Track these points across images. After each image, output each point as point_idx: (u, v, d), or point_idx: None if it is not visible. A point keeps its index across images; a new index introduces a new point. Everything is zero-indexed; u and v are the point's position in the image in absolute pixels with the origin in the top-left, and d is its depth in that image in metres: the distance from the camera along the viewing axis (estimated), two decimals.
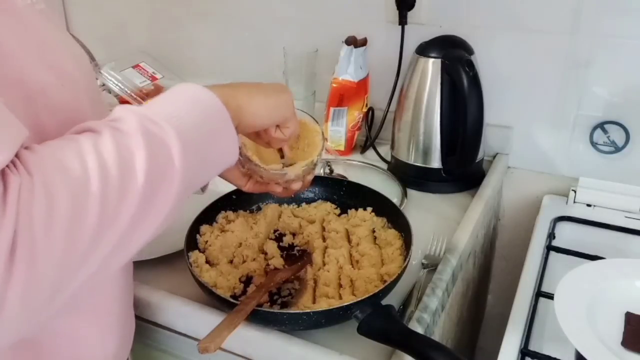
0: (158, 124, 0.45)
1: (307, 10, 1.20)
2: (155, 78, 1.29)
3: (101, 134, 0.42)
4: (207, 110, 0.50)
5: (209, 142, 0.50)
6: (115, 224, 0.41)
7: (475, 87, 0.94)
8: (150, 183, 0.42)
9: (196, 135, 0.48)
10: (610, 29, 0.95)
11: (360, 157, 1.16)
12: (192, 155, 0.47)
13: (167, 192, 0.44)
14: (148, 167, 0.42)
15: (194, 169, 0.48)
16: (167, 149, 0.44)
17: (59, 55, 0.52)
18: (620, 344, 0.66)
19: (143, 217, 0.43)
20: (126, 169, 0.41)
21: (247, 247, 0.78)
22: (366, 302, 0.63)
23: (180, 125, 0.46)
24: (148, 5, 1.40)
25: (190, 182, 0.48)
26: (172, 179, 0.44)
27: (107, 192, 0.40)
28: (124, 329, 0.64)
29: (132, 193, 0.41)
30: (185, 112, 0.48)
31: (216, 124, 0.51)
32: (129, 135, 0.43)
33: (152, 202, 0.43)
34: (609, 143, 1.01)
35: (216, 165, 0.53)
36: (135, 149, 0.42)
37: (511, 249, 1.18)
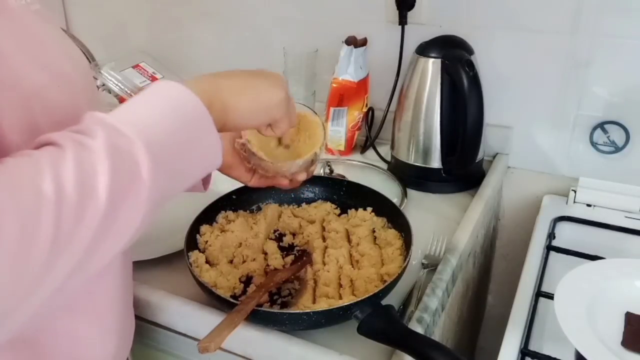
0: (127, 137, 0.43)
1: (307, 10, 1.20)
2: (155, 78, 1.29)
3: (63, 150, 0.40)
4: (188, 115, 0.48)
5: (188, 149, 0.48)
6: (72, 245, 0.39)
7: (475, 87, 0.94)
8: (113, 202, 0.41)
9: (172, 144, 0.46)
10: (610, 29, 0.95)
11: (360, 157, 1.16)
12: (166, 167, 0.45)
13: (134, 209, 0.42)
14: (111, 186, 0.40)
15: (168, 180, 0.46)
16: (134, 165, 0.42)
17: (54, 55, 0.52)
18: (620, 344, 0.66)
19: (106, 235, 0.41)
20: (86, 189, 0.39)
21: (247, 247, 0.78)
22: (366, 302, 0.63)
23: (154, 135, 0.44)
24: (148, 5, 1.40)
25: (164, 192, 0.46)
26: (139, 195, 0.42)
27: (62, 214, 0.38)
28: (123, 329, 0.64)
29: (91, 215, 0.40)
30: (162, 118, 0.46)
31: (197, 129, 0.48)
32: (93, 153, 0.41)
33: (116, 220, 0.41)
34: (609, 143, 1.01)
35: (196, 171, 0.51)
36: (98, 168, 0.40)
37: (511, 249, 1.18)
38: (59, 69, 0.51)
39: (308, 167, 0.71)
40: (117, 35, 1.49)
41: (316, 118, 0.73)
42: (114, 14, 1.47)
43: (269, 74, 0.59)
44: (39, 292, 0.38)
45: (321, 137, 0.71)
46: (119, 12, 1.46)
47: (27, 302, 0.38)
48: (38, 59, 0.49)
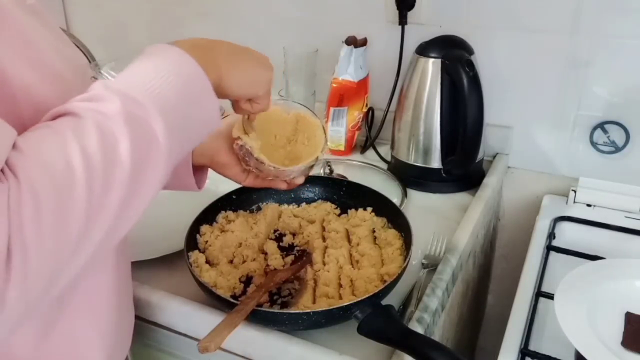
0: (141, 104, 0.45)
1: (307, 10, 1.20)
2: None
3: (83, 120, 0.42)
4: (189, 78, 0.49)
5: (192, 112, 0.50)
6: (104, 211, 0.42)
7: (475, 87, 0.94)
8: (137, 167, 0.43)
9: (179, 107, 0.48)
10: (610, 29, 0.95)
11: (360, 157, 1.16)
12: (176, 130, 0.47)
13: (154, 171, 0.45)
14: (133, 152, 0.43)
15: (179, 142, 0.48)
16: (151, 130, 0.45)
17: (45, 53, 0.51)
18: (620, 344, 0.66)
19: (132, 199, 0.44)
20: (111, 157, 0.42)
21: (247, 247, 0.78)
22: (366, 302, 0.63)
23: (163, 100, 0.46)
24: (148, 5, 1.40)
25: (176, 154, 0.48)
26: (158, 158, 0.45)
27: (93, 183, 0.40)
28: (121, 328, 0.64)
29: (119, 180, 0.42)
30: (167, 82, 0.47)
31: (197, 92, 0.50)
32: (112, 120, 0.43)
33: (140, 183, 0.44)
34: (609, 143, 1.01)
35: (200, 133, 0.53)
36: (119, 135, 0.42)
37: (511, 249, 1.18)
38: (50, 67, 0.51)
39: (308, 172, 0.71)
40: (117, 35, 1.49)
41: (316, 120, 0.73)
42: (114, 14, 1.47)
43: (257, 53, 0.61)
44: (80, 255, 0.41)
45: (322, 140, 0.71)
46: (119, 12, 1.46)
47: (72, 264, 0.41)
48: (28, 57, 0.48)
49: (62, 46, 0.56)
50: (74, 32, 1.49)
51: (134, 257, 0.76)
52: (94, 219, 0.41)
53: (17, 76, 0.46)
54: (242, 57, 0.58)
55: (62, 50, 0.55)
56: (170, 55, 0.50)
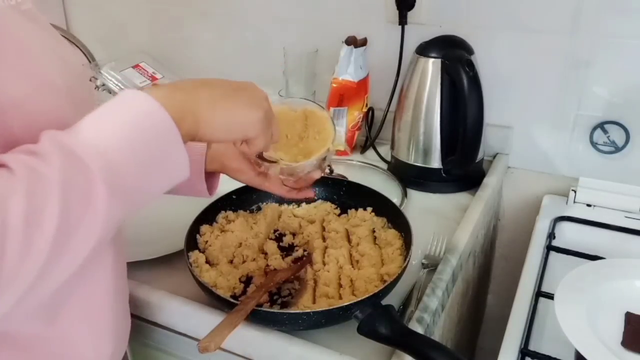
0: (84, 163, 0.42)
1: (307, 10, 1.20)
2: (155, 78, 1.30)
3: (15, 179, 0.39)
4: (153, 129, 0.46)
5: (152, 165, 0.47)
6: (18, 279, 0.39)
7: (475, 87, 0.94)
8: (63, 234, 0.40)
9: (134, 165, 0.45)
10: (610, 29, 0.95)
11: (360, 157, 1.16)
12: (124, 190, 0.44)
13: (85, 238, 0.42)
14: (61, 219, 0.40)
15: (130, 200, 0.45)
16: (90, 194, 0.42)
17: (39, 62, 0.50)
18: (620, 344, 0.66)
19: (55, 266, 0.41)
20: (33, 223, 0.39)
21: (247, 247, 0.78)
22: (366, 302, 0.63)
23: (115, 157, 0.43)
24: (148, 5, 1.40)
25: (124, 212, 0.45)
26: (94, 223, 0.42)
27: (6, 248, 0.37)
28: (117, 329, 0.63)
29: (39, 248, 0.39)
30: (126, 135, 0.44)
31: (162, 146, 0.47)
32: (46, 182, 0.40)
33: (67, 250, 0.41)
34: (609, 143, 1.01)
35: (160, 186, 0.50)
36: (49, 199, 0.40)
37: (511, 249, 1.18)
38: (43, 76, 0.49)
39: (323, 164, 0.70)
40: (117, 35, 1.49)
41: (324, 113, 0.71)
42: (114, 14, 1.47)
43: (252, 92, 0.57)
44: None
45: (331, 131, 0.70)
46: (119, 12, 1.46)
47: None
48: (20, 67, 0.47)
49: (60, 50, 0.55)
50: (74, 32, 1.49)
51: (134, 257, 0.76)
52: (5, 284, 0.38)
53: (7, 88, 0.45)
54: (229, 99, 0.54)
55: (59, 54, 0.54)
56: (138, 104, 0.47)
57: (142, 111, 0.46)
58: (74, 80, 0.55)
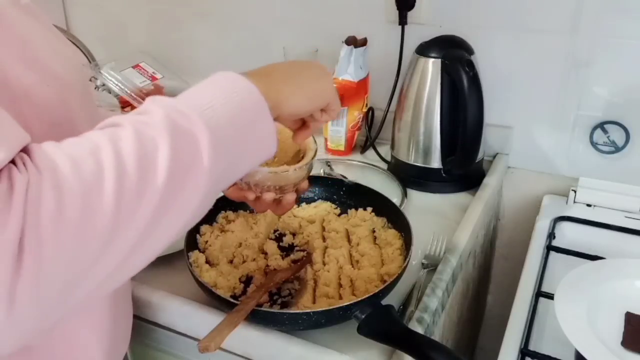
0: (188, 116, 0.43)
1: (307, 10, 1.20)
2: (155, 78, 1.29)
3: (123, 127, 0.40)
4: (245, 102, 0.48)
5: (245, 136, 0.47)
6: (132, 223, 0.39)
7: (475, 87, 0.94)
8: (174, 180, 0.40)
9: (230, 129, 0.46)
10: (610, 29, 0.95)
11: (360, 157, 1.16)
12: (224, 150, 0.45)
13: (193, 189, 0.42)
14: (171, 164, 0.40)
15: (226, 165, 0.46)
16: (195, 143, 0.42)
17: (42, 54, 0.51)
18: (620, 344, 0.66)
19: (164, 216, 0.41)
20: (146, 165, 0.39)
21: (247, 247, 0.78)
22: (366, 302, 0.63)
23: (213, 118, 0.44)
24: (148, 5, 1.40)
25: (221, 178, 0.46)
26: (199, 176, 0.42)
27: (123, 190, 0.38)
28: (120, 329, 0.64)
29: (152, 191, 0.39)
30: (221, 103, 0.46)
31: (253, 117, 0.48)
32: (153, 128, 0.41)
33: (175, 200, 0.41)
34: (609, 143, 1.01)
35: (251, 159, 0.50)
36: (159, 143, 0.40)
37: (511, 249, 1.18)
38: (47, 67, 0.50)
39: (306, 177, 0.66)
40: (117, 35, 1.49)
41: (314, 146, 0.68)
42: (114, 14, 1.47)
43: (314, 65, 0.60)
44: (102, 264, 0.38)
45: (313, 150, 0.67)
46: (119, 12, 1.46)
47: (92, 273, 0.38)
48: (25, 58, 0.47)
49: (60, 46, 0.56)
50: (74, 32, 1.49)
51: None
52: (120, 227, 0.38)
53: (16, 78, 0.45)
54: (302, 74, 0.57)
55: (60, 49, 0.55)
56: (228, 77, 0.49)
57: (233, 85, 0.48)
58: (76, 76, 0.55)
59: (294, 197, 0.66)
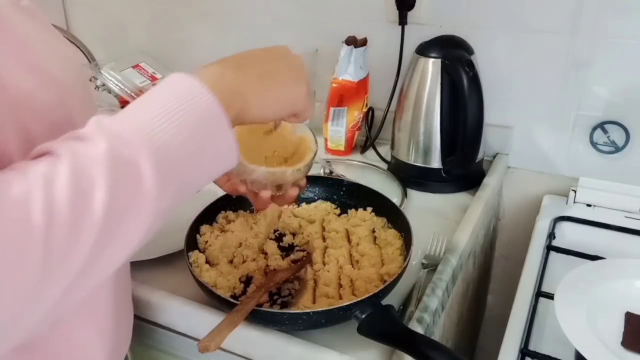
0: (132, 144, 0.40)
1: (307, 10, 1.20)
2: (155, 78, 1.30)
3: (60, 162, 0.38)
4: (201, 116, 0.45)
5: (201, 151, 0.45)
6: (66, 266, 0.37)
7: (475, 87, 0.94)
8: (112, 218, 0.39)
9: (182, 149, 0.43)
10: (610, 29, 0.95)
11: (360, 157, 1.16)
12: (173, 175, 0.43)
13: (136, 222, 0.41)
14: (110, 201, 0.38)
15: (178, 187, 0.44)
16: (138, 176, 0.40)
17: (42, 57, 0.50)
18: (620, 344, 0.66)
19: (104, 252, 0.39)
20: (81, 206, 0.37)
21: (247, 247, 0.78)
22: (366, 302, 0.63)
23: (163, 141, 0.42)
24: (148, 5, 1.40)
25: (173, 200, 0.44)
26: (143, 208, 0.41)
27: (53, 234, 0.36)
28: (121, 328, 0.63)
29: (86, 232, 0.38)
30: (173, 121, 0.43)
31: (211, 131, 0.45)
32: (92, 163, 0.39)
33: (116, 235, 0.40)
34: (609, 143, 1.01)
35: (209, 173, 0.48)
36: (97, 181, 0.38)
37: (511, 249, 1.18)
38: (47, 70, 0.49)
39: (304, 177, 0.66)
40: (117, 35, 1.49)
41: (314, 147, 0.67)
42: (114, 14, 1.47)
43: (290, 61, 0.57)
44: (34, 310, 0.38)
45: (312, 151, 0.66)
46: (119, 12, 1.46)
47: (20, 323, 0.38)
48: (25, 62, 0.47)
49: (60, 47, 0.55)
50: (74, 32, 1.49)
51: (134, 257, 0.76)
52: (51, 273, 0.37)
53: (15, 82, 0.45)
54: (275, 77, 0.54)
55: (59, 51, 0.54)
56: (184, 87, 0.45)
57: (190, 94, 0.45)
58: (76, 77, 0.55)
59: (296, 192, 0.65)
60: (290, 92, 0.55)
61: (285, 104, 0.55)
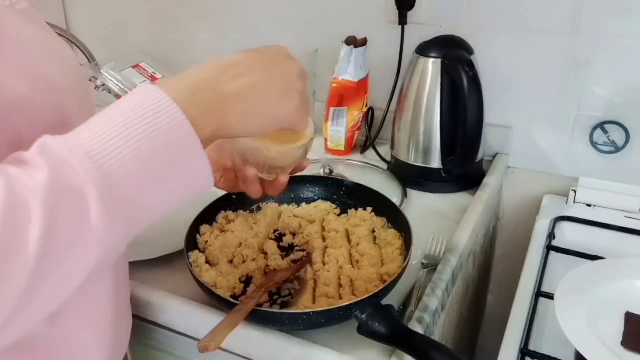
0: (77, 173, 0.37)
1: (307, 10, 1.20)
2: (155, 78, 1.30)
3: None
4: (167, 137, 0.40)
5: (164, 178, 0.41)
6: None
7: (475, 87, 0.94)
8: (50, 253, 0.36)
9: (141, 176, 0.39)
10: (610, 29, 0.95)
11: (360, 157, 1.16)
12: (127, 205, 0.39)
13: (79, 256, 0.38)
14: (46, 235, 0.35)
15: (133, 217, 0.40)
16: (81, 209, 0.37)
17: (38, 61, 0.49)
18: (620, 344, 0.66)
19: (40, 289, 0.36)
20: (13, 240, 0.34)
21: (247, 247, 0.78)
22: (366, 302, 0.63)
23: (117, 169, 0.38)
24: (148, 5, 1.40)
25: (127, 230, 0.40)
26: (87, 242, 0.37)
27: None
28: (120, 329, 0.63)
29: (20, 269, 0.35)
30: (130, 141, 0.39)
31: (178, 153, 0.41)
32: (31, 194, 0.35)
33: (55, 271, 0.37)
34: (609, 143, 1.01)
35: (175, 199, 0.44)
36: (33, 214, 0.35)
37: (511, 249, 1.18)
38: (43, 75, 0.48)
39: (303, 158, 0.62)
40: (117, 35, 1.49)
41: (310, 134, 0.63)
42: (114, 14, 1.47)
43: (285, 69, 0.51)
44: None
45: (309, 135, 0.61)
46: (119, 12, 1.46)
47: None
48: (20, 67, 0.46)
49: (57, 49, 0.55)
50: (74, 32, 1.49)
51: (134, 257, 0.76)
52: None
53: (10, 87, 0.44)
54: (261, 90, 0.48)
55: (57, 53, 0.54)
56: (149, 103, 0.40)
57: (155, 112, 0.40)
58: (73, 79, 0.54)
59: (287, 179, 0.61)
60: (278, 109, 0.50)
61: (273, 120, 0.50)
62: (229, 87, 0.46)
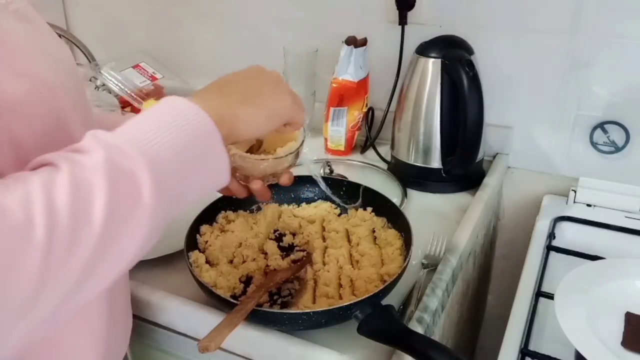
0: (129, 155, 0.41)
1: (307, 10, 1.20)
2: (155, 78, 1.30)
3: (58, 172, 0.38)
4: (196, 134, 0.46)
5: (193, 168, 0.46)
6: (62, 275, 0.37)
7: (475, 87, 0.94)
8: (111, 227, 0.39)
9: (178, 163, 0.44)
10: (611, 29, 0.95)
11: (360, 157, 1.16)
12: (169, 187, 0.44)
13: (134, 232, 0.41)
14: (109, 211, 0.39)
15: (172, 200, 0.45)
16: (135, 185, 0.41)
17: (33, 62, 0.49)
18: (620, 344, 0.66)
19: (100, 263, 0.39)
20: (80, 215, 0.38)
21: (247, 247, 0.78)
22: (366, 302, 0.63)
23: (159, 154, 0.43)
24: (148, 5, 1.40)
25: (167, 213, 0.45)
26: (141, 218, 0.41)
27: (53, 241, 0.36)
28: (117, 334, 0.63)
29: (86, 241, 0.38)
30: (168, 135, 0.44)
31: (204, 149, 0.47)
32: (91, 173, 0.39)
33: (113, 246, 0.40)
34: (609, 143, 1.01)
35: (201, 189, 0.49)
36: (96, 190, 0.38)
37: (511, 249, 1.18)
38: (38, 76, 0.48)
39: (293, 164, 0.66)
40: (117, 35, 1.49)
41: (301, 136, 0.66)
42: (114, 14, 1.47)
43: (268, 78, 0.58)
44: (26, 321, 0.37)
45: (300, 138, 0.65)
46: (119, 12, 1.46)
47: (15, 330, 0.37)
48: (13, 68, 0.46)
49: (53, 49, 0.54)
50: (74, 32, 1.49)
51: None
52: (48, 282, 0.37)
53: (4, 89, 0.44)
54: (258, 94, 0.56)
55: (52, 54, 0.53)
56: (178, 106, 0.47)
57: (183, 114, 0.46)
58: (69, 79, 0.54)
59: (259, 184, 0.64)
60: (276, 105, 0.57)
61: (275, 117, 0.57)
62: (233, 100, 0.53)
